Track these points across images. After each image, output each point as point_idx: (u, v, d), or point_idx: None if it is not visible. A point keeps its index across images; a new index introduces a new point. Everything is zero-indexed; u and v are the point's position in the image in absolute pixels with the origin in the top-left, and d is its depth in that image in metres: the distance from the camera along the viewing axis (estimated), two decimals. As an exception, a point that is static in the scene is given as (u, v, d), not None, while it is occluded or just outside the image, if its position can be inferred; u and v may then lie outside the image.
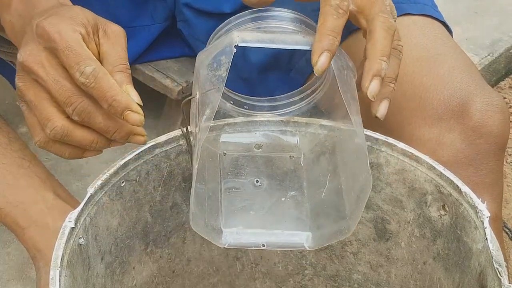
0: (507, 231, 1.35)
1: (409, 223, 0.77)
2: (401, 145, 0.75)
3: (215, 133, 0.77)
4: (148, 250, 0.79)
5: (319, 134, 0.78)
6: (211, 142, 0.77)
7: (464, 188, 0.70)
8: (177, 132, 0.75)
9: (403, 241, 0.79)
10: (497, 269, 0.63)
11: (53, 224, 0.97)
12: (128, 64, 0.70)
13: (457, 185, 0.71)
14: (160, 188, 0.76)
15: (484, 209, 0.68)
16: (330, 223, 0.73)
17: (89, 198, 0.69)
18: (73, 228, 0.66)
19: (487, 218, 0.67)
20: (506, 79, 1.76)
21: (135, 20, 1.10)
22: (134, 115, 0.67)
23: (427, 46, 0.90)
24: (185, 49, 1.19)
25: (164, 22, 1.12)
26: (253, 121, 0.78)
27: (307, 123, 0.78)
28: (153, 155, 0.74)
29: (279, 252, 0.87)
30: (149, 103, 0.93)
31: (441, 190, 0.73)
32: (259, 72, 1.04)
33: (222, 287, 0.89)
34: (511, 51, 1.74)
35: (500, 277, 0.63)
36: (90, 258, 0.69)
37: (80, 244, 0.67)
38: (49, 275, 0.62)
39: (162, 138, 0.75)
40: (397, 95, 0.78)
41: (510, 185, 1.48)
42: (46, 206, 0.99)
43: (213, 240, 0.71)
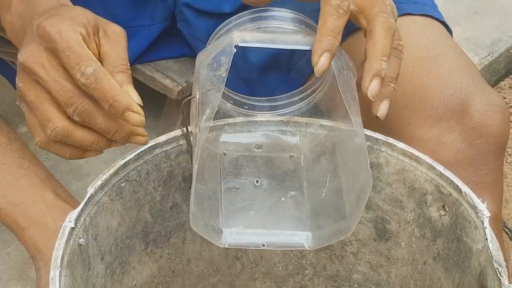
0: (507, 231, 1.34)
1: (409, 223, 0.77)
2: (401, 145, 0.75)
3: (215, 133, 0.77)
4: (148, 250, 0.79)
5: (319, 134, 0.78)
6: (211, 142, 0.77)
7: (464, 188, 0.70)
8: (177, 132, 0.75)
9: (403, 241, 0.79)
10: (497, 269, 0.63)
11: (53, 224, 0.97)
12: (129, 64, 0.70)
13: (457, 185, 0.71)
14: (160, 188, 0.76)
15: (484, 209, 0.68)
16: (330, 223, 0.73)
17: (89, 198, 0.69)
18: (73, 228, 0.66)
19: (487, 218, 0.67)
20: (506, 79, 1.76)
21: (135, 20, 1.10)
22: (135, 115, 0.67)
23: (427, 46, 0.90)
24: (185, 49, 1.19)
25: (164, 22, 1.12)
26: (253, 121, 0.78)
27: (307, 123, 0.78)
28: (153, 155, 0.74)
29: (279, 252, 0.87)
30: (149, 103, 0.92)
31: (441, 190, 0.73)
32: (259, 72, 1.04)
33: (222, 287, 0.89)
34: (511, 51, 1.74)
35: (500, 277, 0.63)
36: (90, 258, 0.69)
37: (80, 244, 0.67)
38: (49, 275, 0.62)
39: (162, 138, 0.75)
40: (397, 95, 0.78)
41: (510, 185, 1.48)
42: (46, 206, 0.99)
43: (213, 240, 0.71)
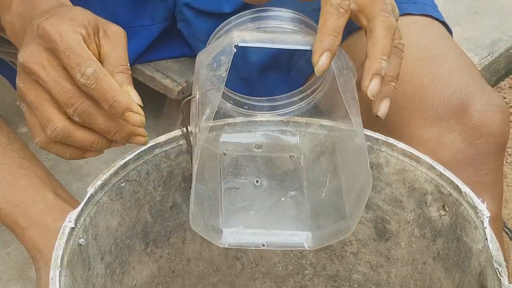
0: (507, 231, 1.34)
1: (409, 223, 0.77)
2: (401, 145, 0.75)
3: (215, 133, 0.77)
4: (148, 250, 0.79)
5: (319, 134, 0.78)
6: (211, 142, 0.77)
7: (464, 188, 0.70)
8: (177, 132, 0.75)
9: (403, 241, 0.79)
10: (497, 269, 0.63)
11: (53, 224, 0.97)
12: (129, 65, 0.70)
13: (457, 185, 0.71)
14: (160, 188, 0.76)
15: (484, 209, 0.68)
16: (330, 223, 0.73)
17: (89, 198, 0.69)
18: (73, 228, 0.66)
19: (487, 218, 0.67)
20: (506, 79, 1.76)
21: (135, 20, 1.10)
22: (135, 116, 0.67)
23: (427, 46, 0.90)
24: (185, 49, 1.19)
25: (164, 22, 1.12)
26: (253, 121, 0.78)
27: (307, 123, 0.78)
28: (153, 155, 0.74)
29: (279, 252, 0.87)
30: (149, 103, 0.92)
31: (441, 190, 0.73)
32: (259, 72, 1.04)
33: (222, 287, 0.89)
34: (511, 51, 1.74)
35: (500, 277, 0.63)
36: (90, 258, 0.69)
37: (80, 244, 0.67)
38: (49, 275, 0.62)
39: (162, 138, 0.75)
40: (397, 95, 0.78)
41: (510, 185, 1.48)
42: (46, 206, 0.99)
43: (213, 240, 0.71)
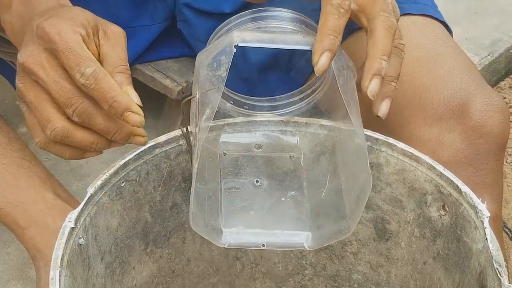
0: (507, 231, 1.34)
1: (409, 223, 0.77)
2: (401, 145, 0.75)
3: (215, 133, 0.77)
4: (148, 250, 0.79)
5: (319, 134, 0.78)
6: (211, 142, 0.77)
7: (464, 188, 0.70)
8: (177, 132, 0.75)
9: (403, 241, 0.79)
10: (497, 269, 0.63)
11: (53, 224, 0.97)
12: (128, 65, 0.70)
13: (457, 185, 0.71)
14: (160, 188, 0.76)
15: (484, 209, 0.68)
16: (330, 223, 0.73)
17: (89, 198, 0.69)
18: (73, 228, 0.66)
19: (487, 218, 0.67)
20: (506, 79, 1.76)
21: (135, 20, 1.10)
22: (135, 116, 0.67)
23: (427, 46, 0.90)
24: (185, 49, 1.19)
25: (164, 22, 1.12)
26: (253, 121, 0.78)
27: (307, 123, 0.78)
28: (153, 155, 0.74)
29: (279, 252, 0.87)
30: (149, 103, 0.93)
31: (441, 190, 0.73)
32: (259, 72, 1.04)
33: (222, 287, 0.89)
34: (511, 51, 1.74)
35: (500, 277, 0.63)
36: (90, 258, 0.69)
37: (80, 244, 0.67)
38: (49, 275, 0.62)
39: (162, 138, 0.75)
40: (397, 95, 0.78)
41: (510, 185, 1.48)
42: (46, 206, 0.99)
43: (213, 240, 0.71)
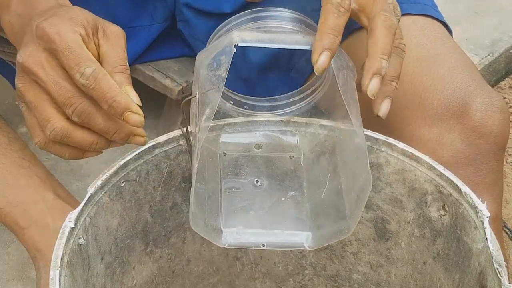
0: (507, 231, 1.34)
1: (409, 223, 0.77)
2: (401, 145, 0.75)
3: (215, 133, 0.77)
4: (148, 250, 0.79)
5: (319, 134, 0.78)
6: (211, 142, 0.77)
7: (464, 188, 0.70)
8: (177, 132, 0.75)
9: (403, 241, 0.79)
10: (497, 269, 0.63)
11: (53, 224, 0.97)
12: (128, 65, 0.70)
13: (457, 185, 0.71)
14: (160, 188, 0.76)
15: (484, 209, 0.68)
16: (330, 223, 0.73)
17: (89, 198, 0.69)
18: (73, 228, 0.66)
19: (487, 218, 0.67)
20: (506, 79, 1.76)
21: (135, 20, 1.10)
22: (134, 116, 0.67)
23: (427, 46, 0.90)
24: (185, 49, 1.19)
25: (164, 22, 1.12)
26: (253, 121, 0.78)
27: (307, 123, 0.78)
28: (153, 155, 0.74)
29: (279, 252, 0.87)
30: (149, 103, 0.92)
31: (441, 190, 0.73)
32: (259, 72, 1.04)
33: (222, 287, 0.89)
34: (511, 51, 1.74)
35: (500, 277, 0.63)
36: (90, 258, 0.69)
37: (80, 244, 0.67)
38: (49, 275, 0.62)
39: (162, 138, 0.75)
40: (397, 95, 0.78)
41: (510, 185, 1.48)
42: (46, 206, 0.99)
43: (213, 240, 0.71)
